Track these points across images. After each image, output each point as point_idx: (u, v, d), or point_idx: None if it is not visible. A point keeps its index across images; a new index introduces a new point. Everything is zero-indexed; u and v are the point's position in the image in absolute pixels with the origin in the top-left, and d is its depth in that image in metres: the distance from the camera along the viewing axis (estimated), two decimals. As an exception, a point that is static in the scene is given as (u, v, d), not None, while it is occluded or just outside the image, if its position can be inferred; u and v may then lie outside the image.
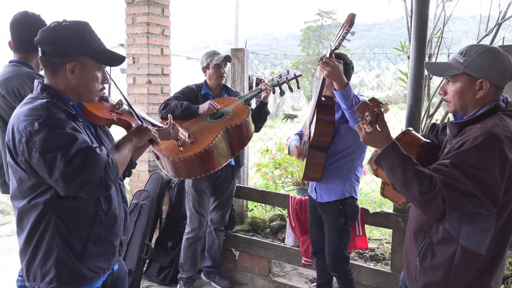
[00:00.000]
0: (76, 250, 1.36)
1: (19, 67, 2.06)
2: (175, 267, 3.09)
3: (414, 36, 2.27)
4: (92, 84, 1.40)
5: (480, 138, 1.27)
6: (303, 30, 44.55)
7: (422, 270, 1.48)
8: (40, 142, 1.22)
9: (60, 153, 1.21)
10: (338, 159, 2.24)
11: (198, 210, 2.83)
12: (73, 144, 1.24)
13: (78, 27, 1.36)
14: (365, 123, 1.39)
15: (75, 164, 1.21)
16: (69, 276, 1.35)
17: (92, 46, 1.37)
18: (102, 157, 1.28)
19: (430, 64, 1.57)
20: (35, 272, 1.36)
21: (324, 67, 1.93)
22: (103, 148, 1.33)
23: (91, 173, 1.24)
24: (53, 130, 1.24)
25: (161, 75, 3.46)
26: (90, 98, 1.45)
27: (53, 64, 1.35)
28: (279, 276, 3.13)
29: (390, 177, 1.40)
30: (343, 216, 2.23)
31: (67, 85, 1.37)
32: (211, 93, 2.82)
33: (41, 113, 1.26)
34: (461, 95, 1.41)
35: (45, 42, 1.33)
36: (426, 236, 1.48)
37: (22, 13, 2.07)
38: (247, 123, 2.53)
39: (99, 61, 1.39)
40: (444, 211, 1.26)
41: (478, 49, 1.38)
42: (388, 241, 3.39)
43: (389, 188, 1.63)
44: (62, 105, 1.35)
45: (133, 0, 3.31)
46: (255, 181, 4.68)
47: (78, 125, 1.35)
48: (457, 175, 1.26)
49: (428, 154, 1.52)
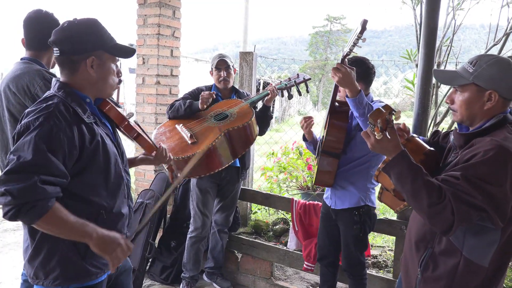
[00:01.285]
0: (79, 248, 1.37)
1: (30, 64, 2.08)
2: (178, 267, 3.10)
3: (423, 44, 2.27)
4: (109, 77, 1.45)
5: (491, 152, 1.25)
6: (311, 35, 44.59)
7: (423, 280, 1.47)
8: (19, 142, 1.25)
9: (18, 159, 1.21)
10: (354, 166, 2.22)
11: (201, 210, 2.85)
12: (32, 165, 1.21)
13: (90, 23, 1.41)
14: (377, 130, 1.37)
15: (13, 177, 1.20)
16: (73, 273, 1.37)
17: (106, 40, 1.41)
18: (36, 195, 1.19)
19: (438, 71, 1.56)
20: (37, 270, 1.36)
21: (336, 73, 1.89)
22: (53, 189, 1.23)
23: (13, 193, 1.18)
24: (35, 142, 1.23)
25: (170, 76, 3.50)
26: (108, 92, 1.49)
27: (73, 62, 1.38)
28: (280, 279, 3.13)
29: (398, 186, 1.39)
30: (358, 224, 2.20)
31: (87, 81, 1.41)
32: (220, 94, 2.85)
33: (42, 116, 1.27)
34: (468, 105, 1.40)
35: (61, 42, 1.36)
36: (428, 246, 1.46)
37: (36, 11, 2.10)
38: (250, 126, 2.53)
39: (113, 54, 1.44)
40: (452, 223, 1.25)
41: (489, 59, 1.37)
42: (391, 248, 3.38)
43: (388, 194, 1.63)
44: (76, 104, 1.36)
45: (145, 1, 3.35)
46: (259, 184, 4.69)
47: (84, 128, 1.35)
48: (468, 188, 1.25)
49: (431, 162, 1.51)
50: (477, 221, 1.30)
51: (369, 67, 2.20)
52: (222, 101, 2.75)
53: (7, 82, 2.08)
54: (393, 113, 1.36)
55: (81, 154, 1.33)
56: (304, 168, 3.86)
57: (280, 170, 3.98)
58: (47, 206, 1.22)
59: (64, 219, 1.27)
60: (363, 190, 2.22)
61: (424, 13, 2.29)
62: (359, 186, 2.22)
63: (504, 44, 3.19)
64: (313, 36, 43.98)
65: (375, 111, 1.37)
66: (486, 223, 1.30)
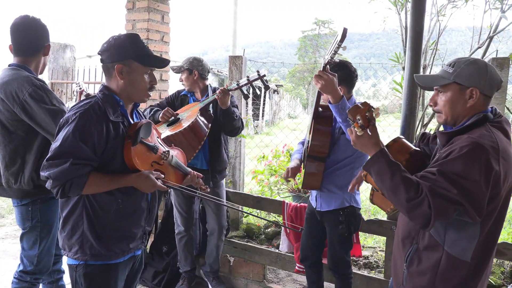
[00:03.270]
0: (97, 230, 1.58)
1: (19, 70, 2.07)
2: (170, 272, 3.09)
3: (409, 47, 2.31)
4: (138, 83, 1.63)
5: (466, 148, 1.30)
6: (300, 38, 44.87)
7: (409, 275, 1.51)
8: (59, 133, 1.52)
9: (54, 147, 1.49)
10: (338, 168, 2.26)
11: (179, 210, 2.94)
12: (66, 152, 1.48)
13: (127, 37, 1.62)
14: (356, 126, 1.43)
15: (51, 163, 1.48)
16: (89, 251, 1.59)
17: (137, 51, 1.60)
18: (70, 174, 1.47)
19: (419, 76, 1.60)
20: (63, 242, 1.62)
21: (318, 80, 1.93)
22: (82, 168, 1.50)
23: (52, 177, 1.47)
24: (70, 133, 1.49)
25: (160, 81, 3.50)
26: (138, 97, 1.68)
27: (108, 68, 1.62)
28: (273, 282, 3.14)
29: (378, 183, 1.44)
30: (343, 224, 2.25)
31: (118, 85, 1.62)
32: (190, 94, 2.91)
33: (79, 112, 1.52)
34: (452, 104, 1.45)
35: (102, 52, 1.61)
36: (413, 242, 1.51)
37: (22, 17, 2.09)
38: (192, 128, 2.51)
39: (142, 63, 1.61)
40: (429, 217, 1.29)
41: (466, 60, 1.44)
42: (382, 249, 3.42)
43: (378, 194, 1.66)
44: (109, 106, 1.58)
45: (133, 7, 3.35)
46: (250, 187, 4.70)
47: (110, 126, 1.56)
48: (443, 183, 1.29)
49: (417, 162, 1.55)
50: (455, 216, 1.34)
51: (352, 70, 2.24)
52: (184, 106, 2.84)
53: (-5, 89, 2.06)
54: (372, 109, 1.39)
55: (106, 146, 1.55)
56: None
57: (271, 173, 3.99)
58: (82, 180, 1.50)
59: (101, 184, 1.55)
60: (347, 191, 2.25)
61: (410, 18, 2.33)
62: (343, 188, 2.25)
63: (488, 47, 3.26)
64: (302, 39, 44.27)
65: (353, 107, 1.42)
66: (464, 217, 1.34)
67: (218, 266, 3.09)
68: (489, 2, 3.22)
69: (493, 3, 3.21)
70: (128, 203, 1.64)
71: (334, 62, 1.98)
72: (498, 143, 1.33)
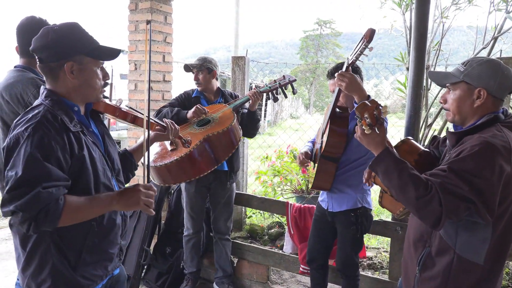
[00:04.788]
0: (70, 259, 1.35)
1: (24, 72, 2.07)
2: (174, 273, 3.09)
3: (414, 48, 2.31)
4: (93, 81, 1.40)
5: (478, 147, 1.29)
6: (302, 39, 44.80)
7: (421, 279, 1.49)
8: (13, 158, 1.24)
9: (15, 176, 1.21)
10: (351, 168, 2.24)
11: (189, 212, 2.92)
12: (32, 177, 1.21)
13: (68, 28, 1.36)
14: (364, 124, 1.41)
15: (15, 193, 1.20)
16: (64, 285, 1.35)
17: (85, 44, 1.36)
18: (43, 201, 1.20)
19: (432, 72, 1.59)
20: (29, 281, 1.35)
21: (342, 80, 1.90)
22: (56, 191, 1.23)
23: (21, 209, 1.18)
24: (28, 154, 1.22)
25: (163, 82, 3.49)
26: (94, 96, 1.44)
27: (52, 69, 1.35)
28: (277, 283, 3.13)
29: (385, 182, 1.42)
30: (355, 225, 2.23)
31: (69, 87, 1.37)
32: (202, 96, 2.86)
33: (30, 127, 1.26)
34: (459, 103, 1.44)
35: (39, 50, 1.34)
36: (426, 245, 1.48)
37: (29, 18, 2.08)
38: (231, 130, 2.51)
39: (95, 57, 1.39)
40: (440, 215, 1.27)
41: (480, 59, 1.42)
42: (386, 250, 3.41)
43: (387, 197, 1.64)
44: (63, 113, 1.34)
45: (136, 7, 3.35)
46: (254, 188, 4.69)
47: (71, 137, 1.33)
48: (455, 180, 1.28)
49: (426, 163, 1.54)
50: (466, 216, 1.33)
51: (361, 73, 2.24)
52: (209, 106, 2.76)
53: (0, 91, 2.06)
54: (379, 107, 1.38)
55: (72, 162, 1.31)
56: (298, 171, 3.88)
57: (274, 174, 3.99)
58: (59, 205, 1.23)
59: (81, 207, 1.29)
60: (360, 192, 2.25)
61: (414, 19, 2.33)
62: (356, 188, 2.24)
63: (492, 47, 3.25)
64: (304, 40, 44.20)
65: (361, 104, 1.41)
66: (476, 218, 1.32)
67: (231, 270, 3.06)
68: (493, 3, 3.22)
69: (497, 4, 3.21)
70: (103, 223, 1.42)
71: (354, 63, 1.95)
72: (509, 143, 1.32)
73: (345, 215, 2.26)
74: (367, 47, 1.76)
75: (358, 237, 2.27)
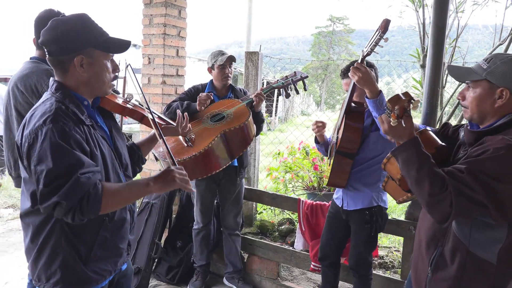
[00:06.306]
0: (81, 254, 1.35)
1: (39, 63, 2.09)
2: (184, 267, 3.10)
3: (431, 44, 2.26)
4: (103, 74, 1.37)
5: (502, 151, 1.24)
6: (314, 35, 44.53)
7: (433, 279, 1.46)
8: (37, 152, 1.21)
9: (46, 170, 1.18)
10: (367, 167, 2.21)
11: (199, 208, 2.94)
12: (65, 166, 1.19)
13: (77, 20, 1.33)
14: (393, 117, 1.37)
15: (53, 186, 1.18)
16: (74, 279, 1.35)
17: (96, 36, 1.33)
18: (83, 187, 1.20)
19: (452, 67, 1.53)
20: (39, 273, 1.35)
21: (356, 72, 1.85)
22: (93, 176, 1.24)
23: (63, 198, 1.17)
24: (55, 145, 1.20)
25: (176, 76, 3.50)
26: (103, 90, 1.42)
27: (62, 63, 1.33)
28: (287, 280, 3.12)
29: (403, 171, 1.39)
30: (369, 223, 2.20)
31: (79, 81, 1.35)
32: (215, 92, 2.83)
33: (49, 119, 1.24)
34: (479, 102, 1.39)
35: (48, 43, 1.31)
36: (438, 245, 1.45)
37: (46, 11, 2.10)
38: (247, 126, 2.49)
39: (105, 50, 1.35)
40: (449, 215, 1.25)
41: (504, 57, 1.36)
42: (397, 249, 3.37)
43: (392, 183, 1.60)
44: (74, 106, 1.32)
45: (151, 1, 3.35)
46: (265, 185, 4.69)
47: (85, 130, 1.32)
48: (470, 182, 1.24)
49: (442, 157, 1.50)
50: (479, 216, 1.30)
51: (376, 69, 2.21)
52: (219, 101, 2.72)
53: (15, 81, 2.09)
54: (412, 101, 1.35)
55: (91, 156, 1.30)
56: (310, 168, 3.85)
57: (286, 170, 3.97)
58: (98, 189, 1.22)
59: (119, 190, 1.30)
60: (375, 190, 2.22)
61: (433, 14, 2.28)
62: (372, 187, 2.21)
63: (509, 44, 3.19)
64: (316, 36, 43.93)
65: (394, 96, 1.36)
66: (488, 219, 1.30)
67: (241, 265, 3.07)
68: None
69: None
70: (114, 218, 1.42)
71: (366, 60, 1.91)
72: None
73: (359, 213, 2.23)
74: (383, 37, 1.71)
75: (372, 236, 2.24)
